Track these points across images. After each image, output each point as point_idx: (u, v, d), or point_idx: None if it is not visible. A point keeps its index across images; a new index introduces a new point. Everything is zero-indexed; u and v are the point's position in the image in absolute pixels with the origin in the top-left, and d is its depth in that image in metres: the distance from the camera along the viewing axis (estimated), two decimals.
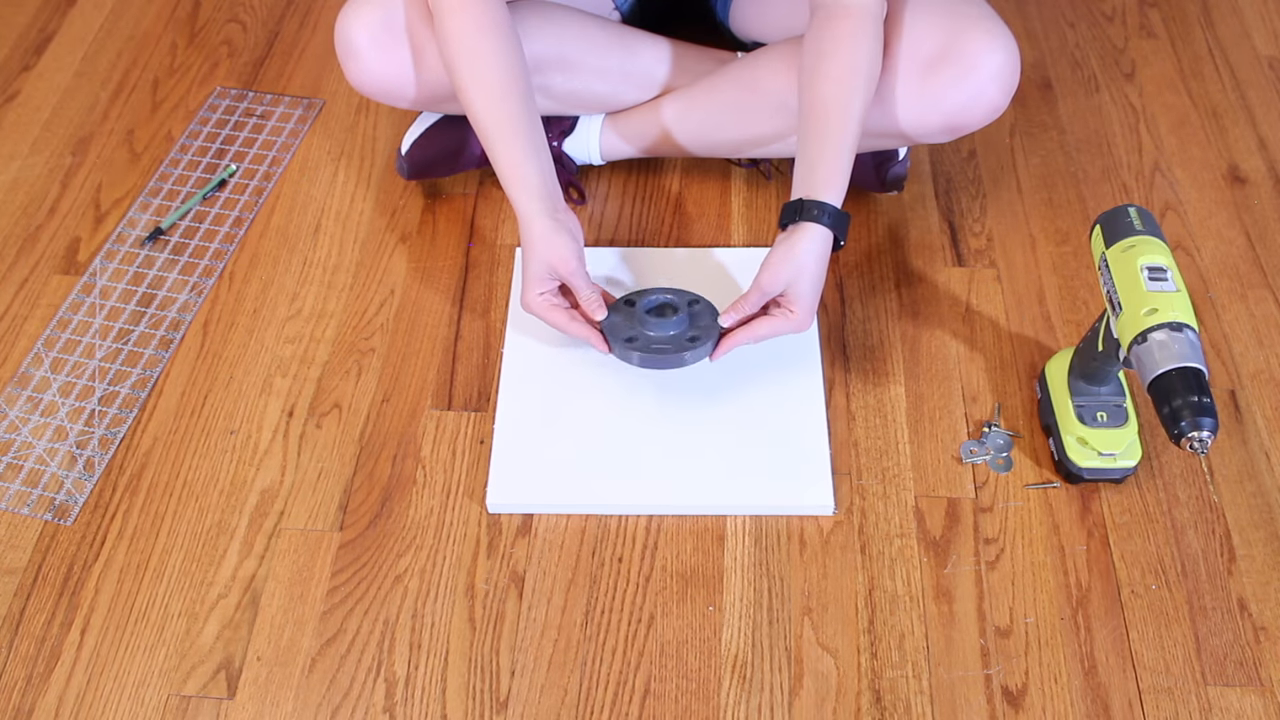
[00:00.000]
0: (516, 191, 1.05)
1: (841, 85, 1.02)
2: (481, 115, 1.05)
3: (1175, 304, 0.87)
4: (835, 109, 1.02)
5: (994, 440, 1.07)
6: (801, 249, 1.00)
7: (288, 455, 1.07)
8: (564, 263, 1.03)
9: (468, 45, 1.05)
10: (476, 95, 1.05)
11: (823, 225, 1.00)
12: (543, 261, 1.04)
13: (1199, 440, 0.83)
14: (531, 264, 1.04)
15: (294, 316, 1.19)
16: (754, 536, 1.01)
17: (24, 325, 1.18)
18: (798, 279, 1.01)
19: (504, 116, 1.05)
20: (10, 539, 1.02)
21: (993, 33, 1.05)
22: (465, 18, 1.04)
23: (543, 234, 1.03)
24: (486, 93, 1.05)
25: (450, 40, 1.05)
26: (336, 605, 0.98)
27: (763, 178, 1.30)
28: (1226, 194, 1.29)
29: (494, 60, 1.05)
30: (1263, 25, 1.49)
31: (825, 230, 1.00)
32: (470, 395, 1.12)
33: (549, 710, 0.92)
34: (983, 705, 0.91)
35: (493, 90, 1.05)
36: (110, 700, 0.93)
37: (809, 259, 1.01)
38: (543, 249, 1.03)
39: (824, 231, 1.00)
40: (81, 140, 1.37)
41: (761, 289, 1.02)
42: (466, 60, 1.05)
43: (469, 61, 1.05)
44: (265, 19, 1.53)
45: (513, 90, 1.05)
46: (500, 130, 1.05)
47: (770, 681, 0.93)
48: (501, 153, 1.05)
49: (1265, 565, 0.99)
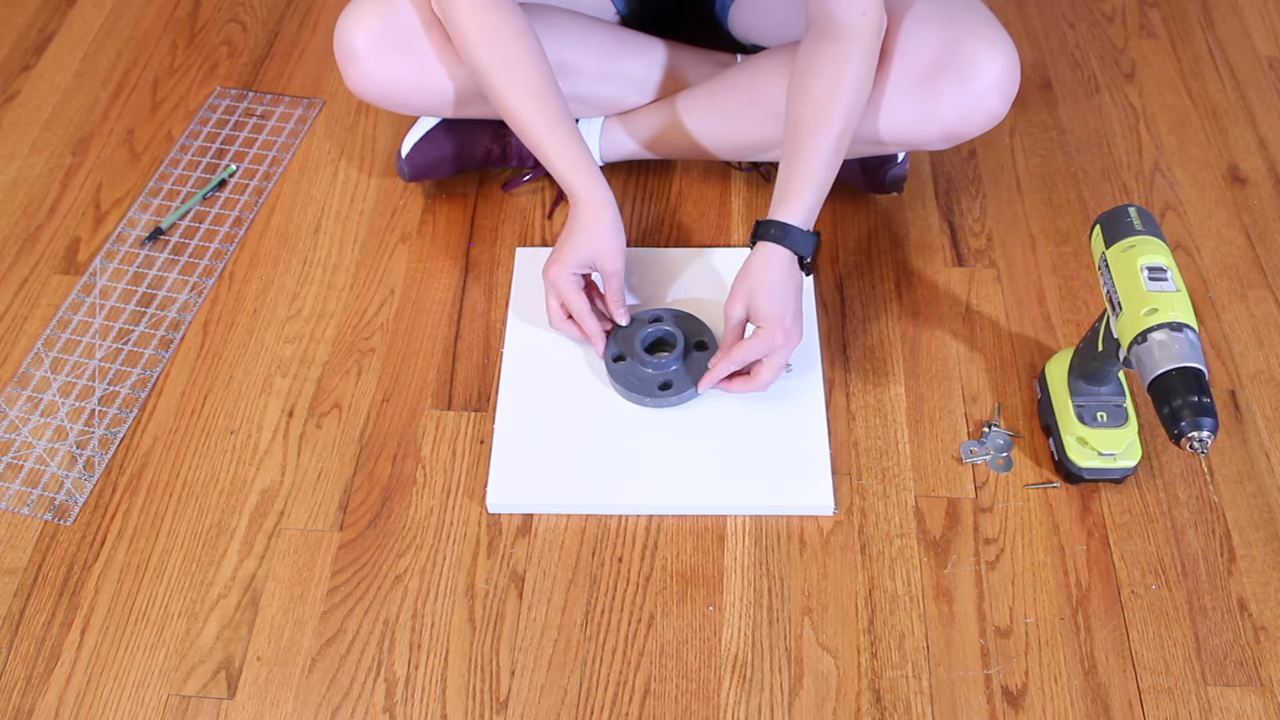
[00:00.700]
0: (582, 179, 1.06)
1: (821, 107, 1.02)
2: (530, 115, 1.06)
3: (1175, 304, 0.87)
4: (812, 130, 1.02)
5: (994, 440, 1.07)
6: (755, 270, 1.02)
7: (288, 455, 1.07)
8: (613, 260, 1.06)
9: (501, 50, 1.05)
10: (522, 98, 1.05)
11: (782, 246, 1.01)
12: (594, 249, 1.06)
13: (1199, 440, 0.83)
14: (580, 246, 1.06)
15: (294, 316, 1.19)
16: (754, 536, 1.01)
17: (24, 325, 1.18)
18: (754, 297, 1.02)
19: (556, 115, 1.06)
20: (10, 539, 1.02)
21: (993, 40, 1.04)
22: (493, 19, 1.04)
23: (607, 225, 1.06)
24: (533, 94, 1.05)
25: (480, 47, 1.05)
26: (336, 605, 0.98)
27: (762, 180, 1.30)
28: (1226, 194, 1.29)
29: (531, 61, 1.06)
30: (1263, 25, 1.49)
31: (784, 251, 1.01)
32: (470, 395, 1.12)
33: (549, 710, 0.92)
34: (983, 705, 0.91)
35: (539, 91, 1.06)
36: (110, 700, 0.93)
37: (764, 276, 1.02)
38: (602, 238, 1.06)
39: (782, 252, 1.01)
40: (81, 140, 1.37)
41: (728, 318, 1.04)
42: (503, 65, 1.05)
43: (505, 66, 1.05)
44: (265, 19, 1.53)
45: (554, 88, 1.07)
46: (555, 128, 1.06)
47: (770, 681, 0.93)
48: (560, 147, 1.06)
49: (1265, 565, 0.99)
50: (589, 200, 1.06)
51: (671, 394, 1.06)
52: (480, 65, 1.06)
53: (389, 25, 1.11)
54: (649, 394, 1.07)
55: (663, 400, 1.07)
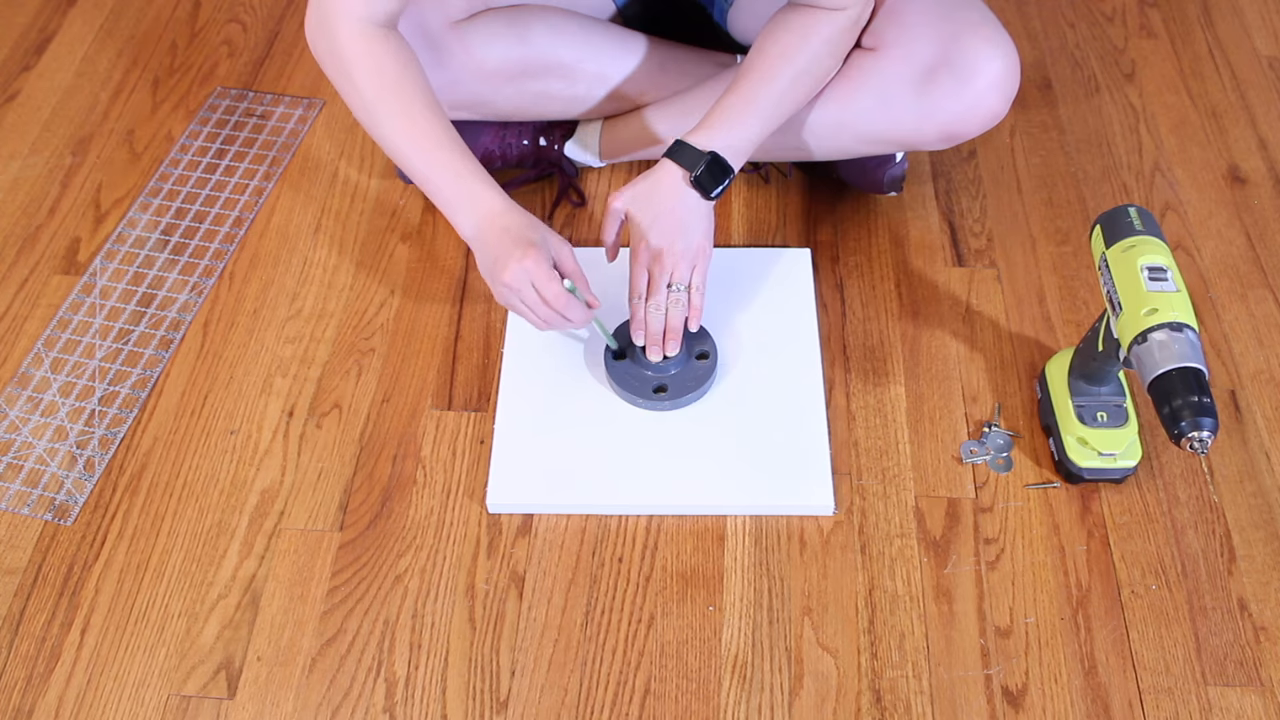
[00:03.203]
0: (483, 184, 1.01)
1: (779, 51, 1.03)
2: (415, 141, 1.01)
3: (1175, 304, 0.87)
4: (755, 70, 1.03)
5: (994, 440, 1.07)
6: (641, 180, 1.04)
7: (288, 455, 1.07)
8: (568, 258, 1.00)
9: (390, 82, 1.00)
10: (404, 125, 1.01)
11: (671, 161, 1.03)
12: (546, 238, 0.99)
13: (1199, 440, 0.83)
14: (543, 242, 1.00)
15: (294, 316, 1.19)
16: (754, 536, 1.01)
17: (24, 325, 1.18)
18: (632, 202, 1.04)
19: (445, 135, 1.01)
20: (10, 539, 1.02)
21: (992, 40, 1.04)
22: (380, 78, 1.00)
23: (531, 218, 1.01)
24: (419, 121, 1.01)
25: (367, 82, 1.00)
26: (336, 605, 0.98)
27: (762, 180, 1.30)
28: (1226, 194, 1.29)
29: (420, 88, 1.02)
30: (1263, 25, 1.49)
31: (672, 165, 1.03)
32: (470, 395, 1.12)
33: (549, 710, 0.92)
34: (983, 705, 0.91)
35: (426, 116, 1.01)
36: (110, 700, 0.93)
37: (644, 185, 1.04)
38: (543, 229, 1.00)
39: (670, 166, 1.03)
40: (81, 140, 1.37)
41: (607, 206, 1.06)
42: (392, 95, 1.00)
43: (394, 96, 1.00)
44: (265, 19, 1.53)
45: (444, 116, 1.02)
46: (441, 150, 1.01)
47: (770, 681, 0.93)
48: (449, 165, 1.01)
49: (1265, 565, 0.99)
50: (504, 203, 1.00)
51: (666, 398, 1.06)
52: (364, 98, 1.01)
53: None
54: (645, 395, 1.07)
55: (657, 404, 1.07)
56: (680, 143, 1.04)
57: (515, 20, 1.15)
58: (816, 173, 1.30)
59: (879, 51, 1.08)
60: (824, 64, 1.05)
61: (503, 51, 1.14)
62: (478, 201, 1.00)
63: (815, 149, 1.16)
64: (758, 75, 1.04)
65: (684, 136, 1.04)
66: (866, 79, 1.08)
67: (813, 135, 1.13)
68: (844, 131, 1.12)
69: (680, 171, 1.03)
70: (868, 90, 1.08)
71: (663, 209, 1.04)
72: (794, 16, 1.04)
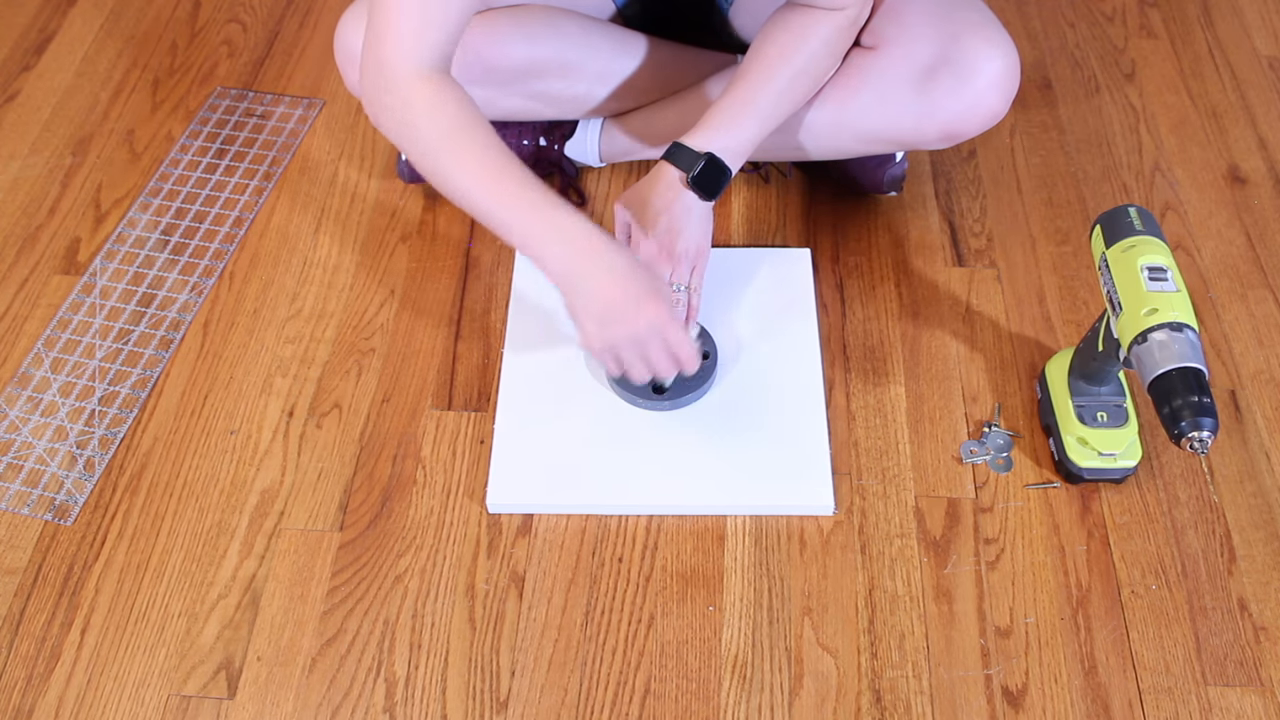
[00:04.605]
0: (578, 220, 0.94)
1: (776, 52, 1.04)
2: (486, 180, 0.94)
3: (1175, 304, 0.87)
4: (753, 71, 1.04)
5: (994, 440, 1.07)
6: (642, 183, 1.07)
7: (288, 455, 1.07)
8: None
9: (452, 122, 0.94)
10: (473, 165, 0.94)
11: (668, 163, 1.04)
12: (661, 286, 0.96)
13: (1199, 440, 0.83)
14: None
15: (294, 316, 1.19)
16: (754, 536, 1.01)
17: (24, 325, 1.18)
18: (630, 203, 1.06)
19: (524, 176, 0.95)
20: (10, 539, 1.02)
21: (992, 39, 1.04)
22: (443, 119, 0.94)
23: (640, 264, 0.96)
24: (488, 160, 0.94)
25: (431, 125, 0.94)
26: (337, 605, 0.98)
27: (762, 180, 1.30)
28: (1226, 194, 1.29)
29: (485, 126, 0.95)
30: (1263, 25, 1.49)
31: (672, 168, 1.04)
32: (470, 395, 1.12)
33: (549, 710, 0.92)
34: (983, 705, 0.91)
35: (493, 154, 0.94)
36: (110, 700, 0.93)
37: (642, 187, 1.06)
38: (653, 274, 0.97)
39: (670, 169, 1.05)
40: (81, 140, 1.37)
41: (616, 215, 1.08)
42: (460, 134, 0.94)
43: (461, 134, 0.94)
44: (265, 19, 1.53)
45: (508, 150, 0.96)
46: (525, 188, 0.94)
47: (770, 681, 0.93)
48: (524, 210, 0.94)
49: (1265, 565, 0.99)
50: (602, 238, 0.94)
51: (665, 398, 1.06)
52: (430, 159, 0.95)
53: None
54: (644, 395, 1.07)
55: (657, 404, 1.07)
56: (678, 145, 1.04)
57: (516, 20, 1.15)
58: (816, 173, 1.30)
59: (879, 50, 1.08)
60: (822, 64, 1.05)
61: (503, 51, 1.14)
62: (566, 234, 0.93)
63: (814, 149, 1.16)
64: (755, 76, 1.04)
65: (681, 138, 1.05)
66: (866, 78, 1.08)
67: (812, 135, 1.13)
68: (843, 131, 1.12)
69: (678, 173, 1.04)
70: (867, 89, 1.08)
71: (661, 210, 1.04)
72: (792, 16, 1.04)
